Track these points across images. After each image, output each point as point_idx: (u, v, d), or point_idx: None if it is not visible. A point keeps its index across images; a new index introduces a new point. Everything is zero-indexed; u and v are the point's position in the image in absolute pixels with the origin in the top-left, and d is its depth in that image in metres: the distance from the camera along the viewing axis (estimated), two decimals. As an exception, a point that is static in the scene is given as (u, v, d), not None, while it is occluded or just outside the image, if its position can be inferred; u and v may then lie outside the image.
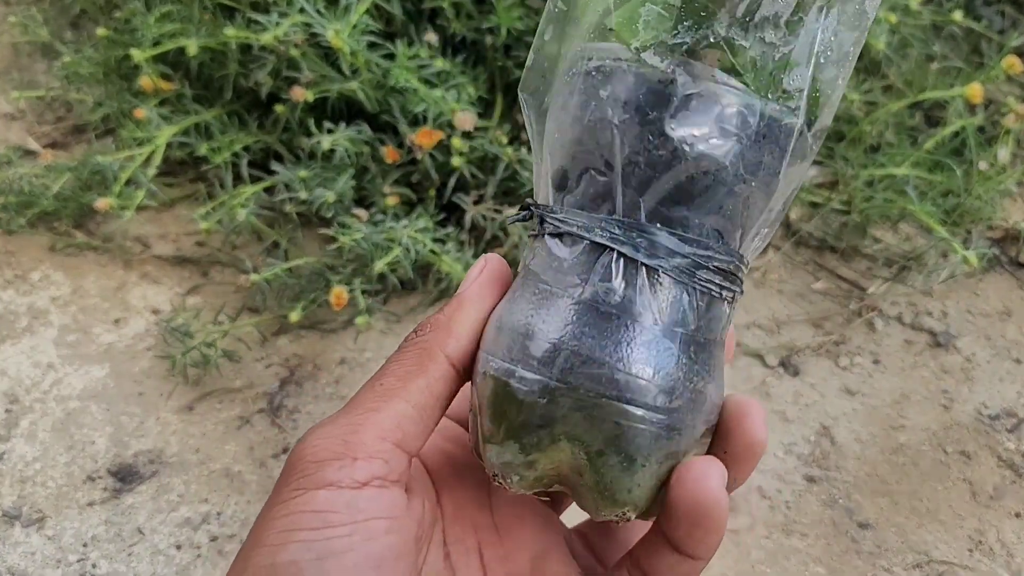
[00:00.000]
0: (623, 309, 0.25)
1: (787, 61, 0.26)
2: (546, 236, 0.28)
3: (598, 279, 0.26)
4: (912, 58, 0.98)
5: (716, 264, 0.26)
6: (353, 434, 0.26)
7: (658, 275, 0.26)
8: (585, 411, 0.25)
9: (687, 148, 0.25)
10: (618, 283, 0.26)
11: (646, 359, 0.25)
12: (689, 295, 0.26)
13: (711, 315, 0.26)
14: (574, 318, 0.26)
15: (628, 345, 0.25)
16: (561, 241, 0.28)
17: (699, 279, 0.26)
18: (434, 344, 0.28)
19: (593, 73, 0.27)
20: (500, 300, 0.30)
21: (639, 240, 0.26)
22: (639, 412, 0.25)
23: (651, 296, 0.26)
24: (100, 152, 0.90)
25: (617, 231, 0.26)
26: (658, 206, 0.26)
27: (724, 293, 0.27)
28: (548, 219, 0.28)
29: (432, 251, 0.79)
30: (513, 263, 0.35)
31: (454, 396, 0.28)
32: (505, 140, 0.81)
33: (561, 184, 0.28)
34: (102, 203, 0.85)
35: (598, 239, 0.26)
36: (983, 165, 0.89)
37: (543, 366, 0.26)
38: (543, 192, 0.30)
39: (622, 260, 0.26)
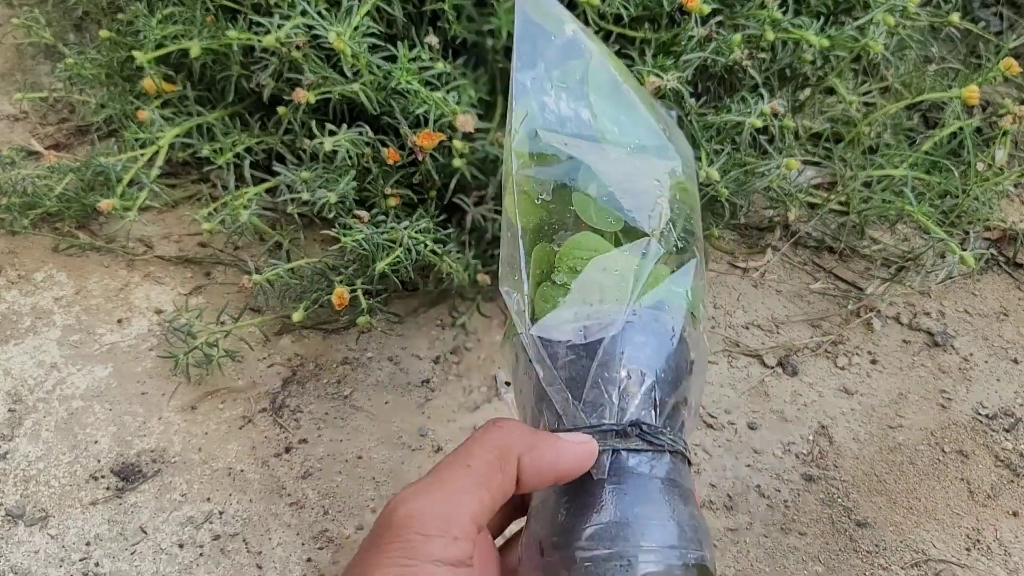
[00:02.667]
0: None
1: None
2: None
3: None
4: (910, 60, 0.98)
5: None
6: (452, 513, 0.28)
7: None
8: None
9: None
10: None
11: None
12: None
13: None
14: None
15: None
16: None
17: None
18: (514, 449, 0.31)
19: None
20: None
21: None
22: None
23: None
24: (103, 153, 0.91)
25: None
26: None
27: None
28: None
29: (433, 252, 0.79)
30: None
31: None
32: (506, 141, 0.82)
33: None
34: (105, 204, 0.86)
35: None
36: (980, 166, 0.89)
37: None
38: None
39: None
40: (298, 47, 0.77)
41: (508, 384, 0.39)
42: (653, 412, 0.34)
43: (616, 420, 0.33)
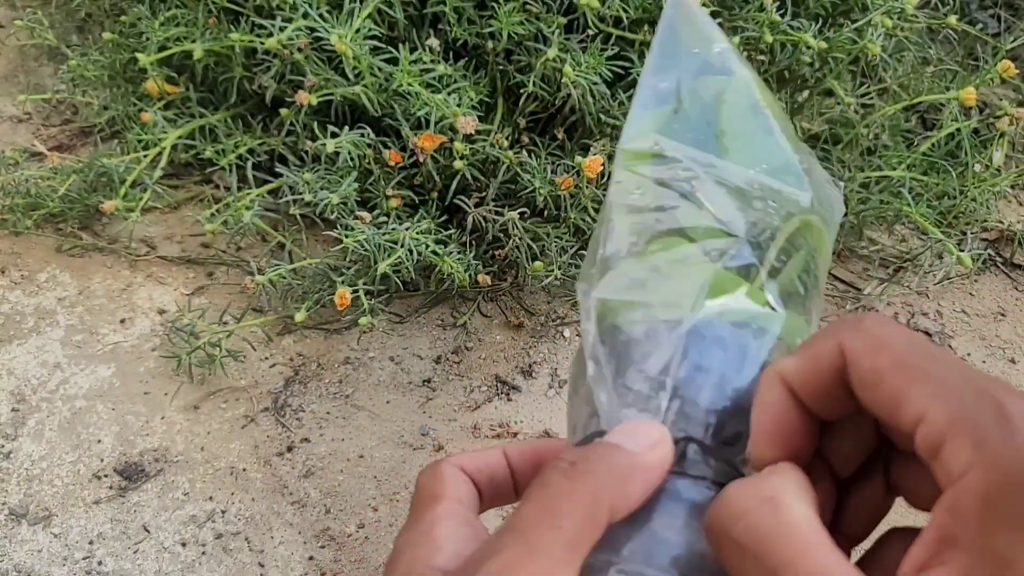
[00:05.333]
0: None
1: None
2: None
3: None
4: (908, 62, 0.99)
5: None
6: None
7: None
8: None
9: None
10: None
11: None
12: None
13: None
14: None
15: None
16: None
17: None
18: (605, 501, 0.25)
19: None
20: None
21: None
22: None
23: None
24: (106, 155, 0.91)
25: None
26: None
27: None
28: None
29: (434, 252, 0.80)
30: (513, 264, 0.36)
31: None
32: (506, 143, 0.82)
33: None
34: (108, 205, 0.86)
35: None
36: (978, 167, 0.90)
37: None
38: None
39: None
40: (300, 49, 0.78)
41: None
42: (706, 432, 0.30)
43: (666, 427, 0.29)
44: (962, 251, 0.83)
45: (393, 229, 0.79)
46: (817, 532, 0.23)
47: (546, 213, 0.85)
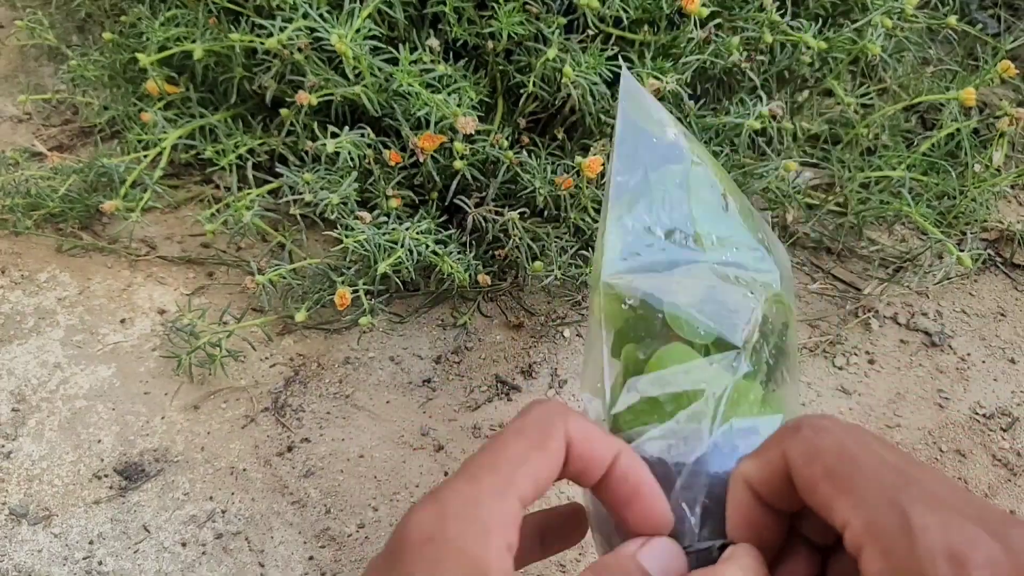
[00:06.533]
0: None
1: None
2: None
3: None
4: (908, 62, 0.99)
5: None
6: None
7: None
8: None
9: None
10: None
11: None
12: None
13: None
14: None
15: None
16: None
17: None
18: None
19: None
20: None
21: None
22: None
23: None
24: (106, 155, 0.91)
25: None
26: None
27: None
28: None
29: (434, 252, 0.80)
30: (513, 264, 0.37)
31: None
32: (506, 144, 0.82)
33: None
34: (108, 205, 0.87)
35: None
36: (978, 167, 0.90)
37: None
38: None
39: None
40: (300, 49, 0.78)
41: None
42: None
43: (693, 541, 0.32)
44: (962, 251, 0.84)
45: (393, 229, 0.79)
46: None
47: (546, 213, 0.85)
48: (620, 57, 0.79)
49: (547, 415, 0.28)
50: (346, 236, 0.78)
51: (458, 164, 0.81)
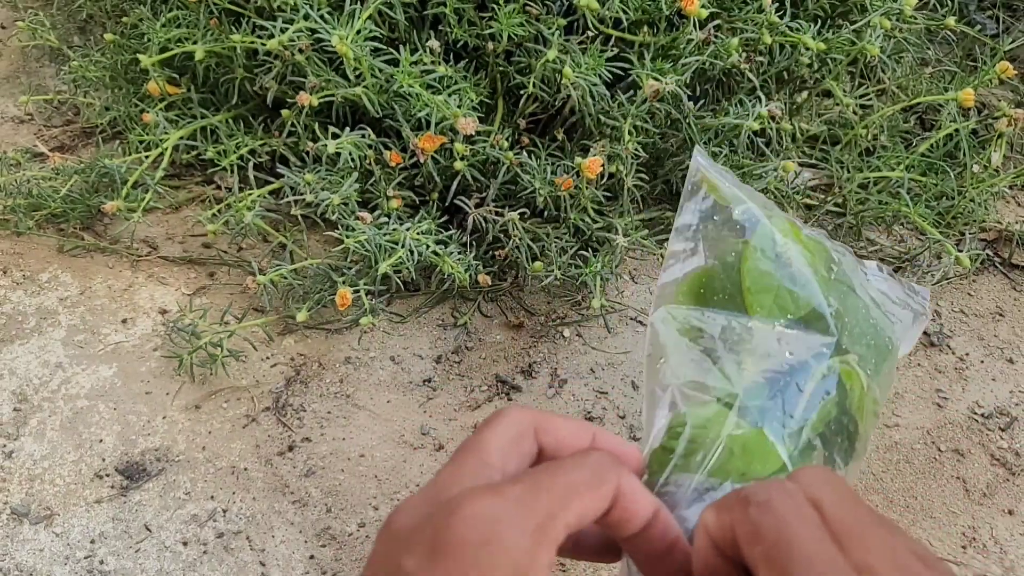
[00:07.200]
0: None
1: None
2: None
3: None
4: (906, 63, 0.99)
5: None
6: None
7: None
8: None
9: None
10: None
11: None
12: None
13: None
14: None
15: None
16: None
17: None
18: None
19: None
20: None
21: None
22: None
23: None
24: (108, 155, 0.92)
25: None
26: None
27: None
28: None
29: (435, 253, 0.80)
30: (513, 264, 0.37)
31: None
32: (506, 144, 0.83)
33: None
34: (110, 205, 0.87)
35: None
36: (976, 168, 0.90)
37: None
38: None
39: None
40: (301, 50, 0.78)
41: None
42: None
43: None
44: (960, 251, 0.84)
45: (394, 229, 0.80)
46: None
47: (546, 213, 0.85)
48: (619, 58, 0.80)
49: (606, 462, 0.29)
50: (347, 236, 0.78)
51: (458, 165, 0.81)
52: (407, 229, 0.80)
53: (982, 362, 0.88)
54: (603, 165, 0.78)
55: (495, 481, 0.28)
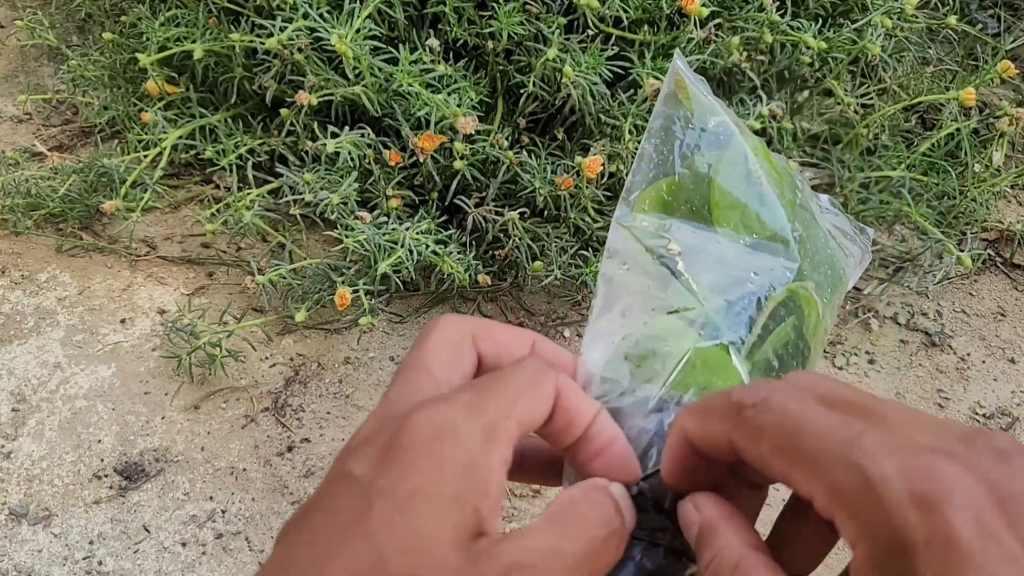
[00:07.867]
0: None
1: None
2: None
3: None
4: (907, 62, 0.99)
5: None
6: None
7: None
8: None
9: None
10: None
11: None
12: None
13: None
14: None
15: None
16: None
17: None
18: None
19: None
20: None
21: None
22: None
23: None
24: (106, 155, 0.91)
25: None
26: None
27: None
28: None
29: (434, 252, 0.80)
30: (513, 264, 0.37)
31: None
32: (506, 144, 0.82)
33: None
34: (108, 205, 0.87)
35: None
36: (978, 167, 0.90)
37: None
38: None
39: None
40: (300, 49, 0.78)
41: None
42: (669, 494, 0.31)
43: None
44: (962, 251, 0.84)
45: (393, 229, 0.79)
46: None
47: (546, 213, 0.85)
48: (619, 57, 0.79)
49: (542, 365, 0.29)
50: (346, 236, 0.78)
51: (458, 164, 0.81)
52: (406, 229, 0.80)
53: (983, 362, 0.87)
54: (603, 164, 0.77)
55: (443, 393, 0.28)
